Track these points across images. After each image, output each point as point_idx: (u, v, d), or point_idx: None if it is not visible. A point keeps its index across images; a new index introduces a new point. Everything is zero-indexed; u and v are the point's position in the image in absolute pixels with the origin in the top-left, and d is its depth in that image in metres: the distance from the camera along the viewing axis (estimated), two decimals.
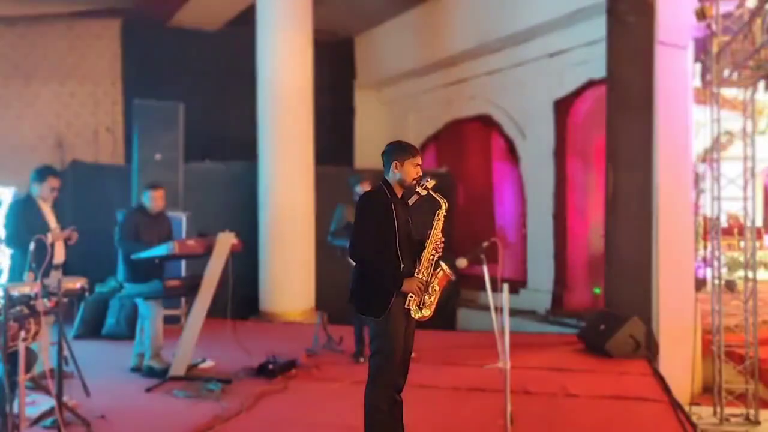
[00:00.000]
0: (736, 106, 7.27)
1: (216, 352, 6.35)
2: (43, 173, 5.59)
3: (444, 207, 3.69)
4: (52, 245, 5.21)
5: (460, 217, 10.98)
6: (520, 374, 5.02)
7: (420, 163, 3.74)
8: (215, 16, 11.35)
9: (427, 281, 3.62)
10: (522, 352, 6.02)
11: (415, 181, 3.68)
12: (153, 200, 5.92)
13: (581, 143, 10.11)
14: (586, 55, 9.24)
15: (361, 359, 6.18)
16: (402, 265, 3.58)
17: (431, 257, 3.65)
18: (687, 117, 7.27)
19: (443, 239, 3.68)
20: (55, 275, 4.91)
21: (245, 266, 8.01)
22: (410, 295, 3.57)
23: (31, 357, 4.29)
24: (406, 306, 3.57)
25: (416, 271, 3.63)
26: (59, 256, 5.48)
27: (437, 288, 3.64)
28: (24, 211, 5.48)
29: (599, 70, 8.06)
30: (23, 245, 5.03)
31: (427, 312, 3.62)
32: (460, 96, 11.97)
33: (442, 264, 3.67)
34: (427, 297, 3.61)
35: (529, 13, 9.80)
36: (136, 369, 5.88)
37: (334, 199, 6.72)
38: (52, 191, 5.58)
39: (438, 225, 3.68)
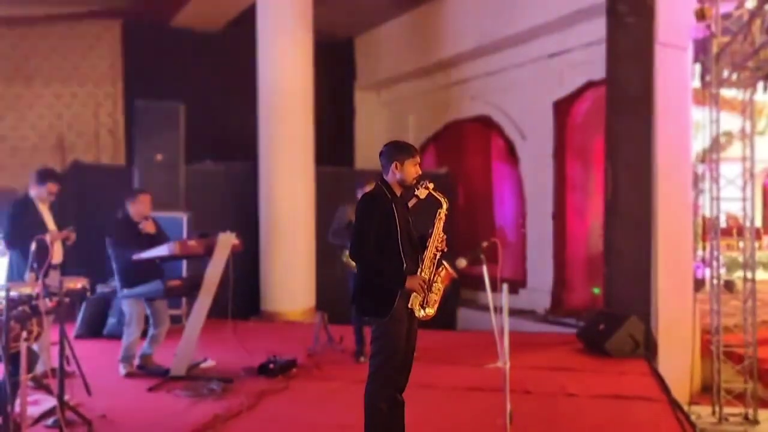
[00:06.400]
0: (735, 106, 7.29)
1: (217, 352, 6.36)
2: (43, 177, 5.59)
3: (445, 206, 3.69)
4: (51, 246, 5.22)
5: (460, 218, 11.00)
6: (520, 374, 5.03)
7: (419, 162, 3.75)
8: (216, 17, 11.37)
9: (429, 280, 3.63)
10: (522, 351, 6.03)
11: (415, 181, 3.69)
12: (141, 204, 5.81)
13: (581, 144, 10.12)
14: (585, 56, 9.25)
15: (362, 359, 6.20)
16: (404, 265, 3.58)
17: (433, 256, 3.65)
18: (686, 118, 7.29)
19: (445, 238, 3.68)
20: (53, 275, 4.93)
21: (246, 266, 8.03)
22: (413, 294, 3.57)
23: (32, 357, 4.31)
24: (409, 306, 3.57)
25: (419, 270, 3.62)
26: (57, 256, 5.48)
27: (440, 287, 3.64)
28: (22, 212, 5.48)
29: (599, 71, 8.08)
30: (21, 246, 5.05)
31: (430, 311, 3.62)
32: (460, 97, 11.99)
33: (445, 263, 3.68)
34: (430, 296, 3.61)
35: (528, 14, 9.81)
36: (139, 368, 5.89)
37: (334, 199, 6.73)
38: (49, 195, 5.58)
39: (439, 224, 3.68)
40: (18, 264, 5.29)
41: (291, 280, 9.25)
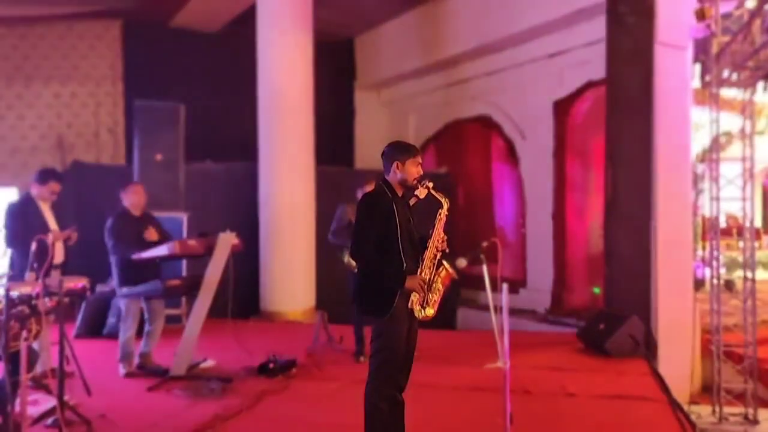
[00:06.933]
0: (735, 106, 7.29)
1: (217, 352, 6.36)
2: (45, 176, 5.60)
3: (445, 206, 3.70)
4: (53, 245, 5.22)
5: (460, 218, 11.00)
6: (520, 374, 5.04)
7: (421, 162, 3.76)
8: (216, 17, 11.37)
9: (429, 280, 3.63)
10: (522, 351, 6.03)
11: (416, 181, 3.69)
12: (134, 194, 5.85)
13: (581, 144, 10.12)
14: (585, 56, 9.25)
15: (362, 358, 6.20)
16: (404, 265, 3.58)
17: (434, 256, 3.65)
18: (686, 117, 7.28)
19: (446, 238, 3.68)
20: (55, 275, 4.93)
21: (246, 266, 8.02)
22: (413, 294, 3.57)
23: (32, 356, 4.31)
24: (409, 306, 3.57)
25: (419, 270, 3.63)
26: (59, 256, 5.49)
27: (440, 287, 3.65)
28: (23, 212, 5.48)
29: (599, 71, 8.08)
30: (23, 245, 5.04)
31: (430, 311, 3.62)
32: (460, 97, 11.99)
33: (445, 263, 3.68)
34: (430, 296, 3.61)
35: (529, 13, 9.81)
36: (138, 368, 5.89)
37: (334, 199, 6.74)
38: (51, 194, 5.59)
39: (439, 224, 3.68)
40: (19, 264, 5.29)
41: (291, 280, 9.25)
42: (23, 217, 5.43)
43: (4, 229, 5.48)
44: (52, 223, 5.56)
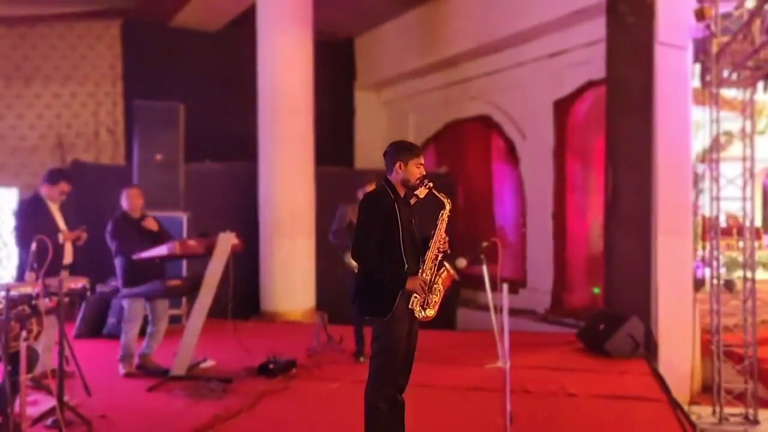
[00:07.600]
0: (735, 106, 7.29)
1: (217, 352, 6.36)
2: (56, 177, 5.61)
3: (448, 207, 3.69)
4: (62, 246, 5.23)
5: (460, 218, 11.00)
6: (520, 374, 5.02)
7: (423, 162, 3.75)
8: (216, 17, 11.37)
9: (430, 281, 3.62)
10: (522, 351, 6.02)
11: (418, 181, 3.68)
12: (131, 198, 5.87)
13: (581, 144, 10.12)
14: (585, 56, 9.25)
15: (362, 359, 6.19)
16: (406, 266, 3.58)
17: (435, 257, 3.65)
18: (686, 117, 7.28)
19: (447, 239, 3.68)
20: (64, 276, 4.93)
21: (246, 266, 8.02)
22: (414, 294, 3.56)
23: (33, 356, 4.31)
24: (410, 306, 3.57)
25: (420, 271, 3.62)
26: (68, 256, 5.51)
27: (441, 288, 3.64)
28: (33, 211, 5.49)
29: (599, 71, 8.08)
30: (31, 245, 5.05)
31: (431, 312, 3.61)
32: (460, 96, 11.99)
33: (446, 264, 3.68)
34: (431, 297, 3.61)
35: (529, 13, 9.81)
36: (138, 368, 5.88)
37: (334, 199, 6.73)
38: (61, 195, 5.60)
39: (442, 225, 3.67)
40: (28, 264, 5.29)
41: (291, 280, 9.25)
42: (33, 217, 5.43)
43: (14, 230, 5.48)
44: (62, 224, 5.58)
